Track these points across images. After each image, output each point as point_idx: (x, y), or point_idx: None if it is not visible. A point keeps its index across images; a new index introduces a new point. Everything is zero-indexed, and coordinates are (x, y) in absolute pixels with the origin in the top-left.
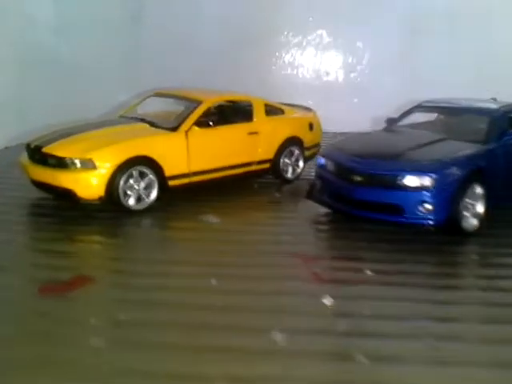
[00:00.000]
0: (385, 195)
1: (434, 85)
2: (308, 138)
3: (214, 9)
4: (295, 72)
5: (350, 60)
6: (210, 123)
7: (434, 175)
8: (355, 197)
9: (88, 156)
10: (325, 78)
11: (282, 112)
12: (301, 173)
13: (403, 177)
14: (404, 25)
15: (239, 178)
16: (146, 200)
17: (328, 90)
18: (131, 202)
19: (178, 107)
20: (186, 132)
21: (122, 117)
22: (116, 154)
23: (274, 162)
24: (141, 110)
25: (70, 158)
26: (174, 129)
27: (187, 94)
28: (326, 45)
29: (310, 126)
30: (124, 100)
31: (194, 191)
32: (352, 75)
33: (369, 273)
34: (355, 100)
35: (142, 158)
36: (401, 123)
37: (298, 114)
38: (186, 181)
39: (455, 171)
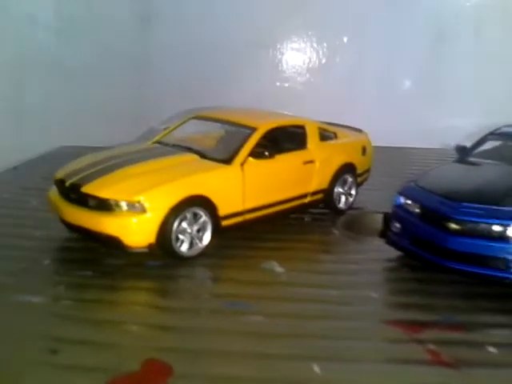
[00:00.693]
0: (488, 247)
1: None
2: (361, 164)
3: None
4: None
5: None
6: (266, 153)
7: None
8: (449, 246)
9: (137, 198)
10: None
11: (335, 136)
12: (353, 202)
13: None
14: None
15: (293, 212)
16: (199, 245)
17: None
18: (184, 248)
19: (213, 128)
20: (242, 165)
21: (160, 143)
22: (169, 194)
23: (328, 191)
24: (175, 133)
25: (116, 200)
26: (228, 161)
27: (236, 119)
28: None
29: (363, 150)
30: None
31: (242, 229)
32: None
33: (492, 350)
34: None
35: (197, 198)
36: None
37: (351, 137)
38: (239, 219)
39: None
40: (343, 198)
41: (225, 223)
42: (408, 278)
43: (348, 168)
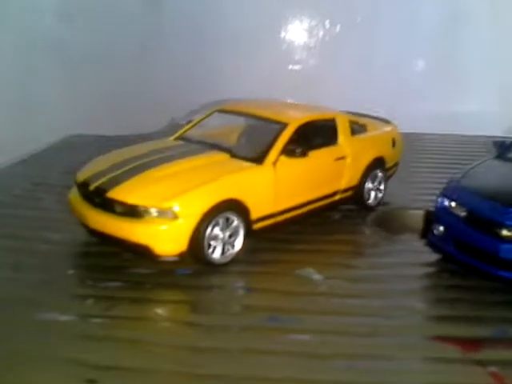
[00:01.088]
0: None
1: None
2: (391, 157)
3: None
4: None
5: None
6: (298, 151)
7: None
8: (501, 255)
9: (167, 204)
10: None
11: (364, 129)
12: (382, 197)
13: None
14: None
15: (323, 211)
16: (232, 251)
17: None
18: (216, 254)
19: (233, 122)
20: (274, 164)
21: (183, 139)
22: (201, 199)
23: (358, 188)
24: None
25: (145, 207)
26: (260, 160)
27: (264, 113)
28: None
29: (393, 143)
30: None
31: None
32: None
33: None
34: None
35: (230, 202)
36: None
37: (381, 129)
38: (270, 222)
39: None
40: (373, 194)
41: (256, 226)
42: (449, 285)
43: (378, 162)
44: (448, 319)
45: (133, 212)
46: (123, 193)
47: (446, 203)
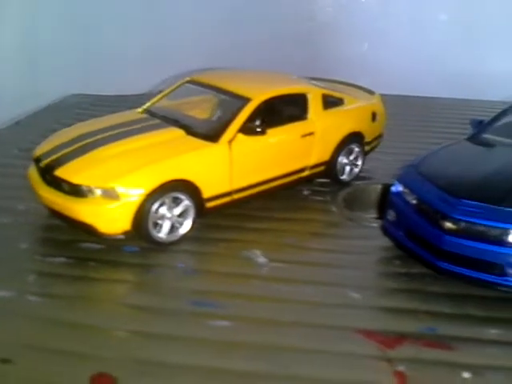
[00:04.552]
0: (483, 251)
1: None
2: (370, 131)
3: None
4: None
5: None
6: (259, 129)
7: None
8: (444, 247)
9: (110, 184)
10: None
11: (341, 102)
12: (358, 173)
13: (509, 231)
14: None
15: (290, 187)
16: (180, 230)
17: None
18: (162, 234)
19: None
20: (230, 142)
21: (148, 112)
22: (145, 179)
23: (330, 163)
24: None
25: (89, 187)
26: (214, 138)
27: (230, 86)
28: None
29: (373, 116)
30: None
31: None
32: None
33: (467, 376)
34: None
35: (177, 182)
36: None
37: (360, 102)
38: (227, 200)
39: None
40: (347, 169)
41: (210, 205)
42: (397, 273)
43: (354, 137)
44: (382, 311)
45: (78, 191)
46: (69, 172)
47: (400, 189)
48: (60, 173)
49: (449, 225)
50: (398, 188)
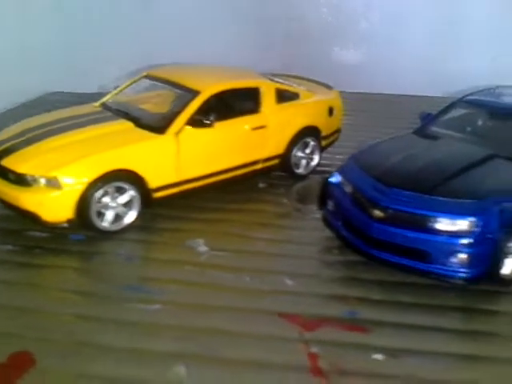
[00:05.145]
0: (410, 238)
1: None
2: (326, 126)
3: None
4: None
5: None
6: (207, 121)
7: (474, 219)
8: (374, 235)
9: (53, 174)
10: None
11: (296, 96)
12: (316, 166)
13: (435, 218)
14: None
15: (243, 180)
16: (124, 219)
17: None
18: (106, 223)
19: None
20: (177, 134)
21: (103, 106)
22: (87, 169)
23: (285, 157)
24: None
25: (32, 176)
26: (161, 130)
27: (182, 80)
28: None
29: (330, 111)
30: None
31: (186, 197)
32: None
33: (379, 357)
34: None
35: (120, 172)
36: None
37: (316, 97)
38: (175, 190)
39: (503, 211)
40: (304, 162)
41: (157, 195)
42: (335, 261)
43: (310, 131)
44: (311, 296)
45: (22, 181)
46: (15, 162)
47: (339, 179)
48: (6, 163)
49: (377, 212)
50: (336, 178)
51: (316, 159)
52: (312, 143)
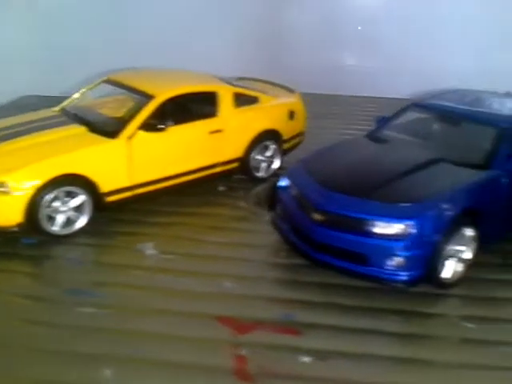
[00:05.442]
0: (348, 241)
1: None
2: (287, 129)
3: None
4: None
5: None
6: (161, 126)
7: (410, 222)
8: (316, 238)
9: (2, 178)
10: None
11: (256, 100)
12: (277, 169)
13: (371, 222)
14: None
15: (201, 183)
16: (76, 224)
17: None
18: (56, 227)
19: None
20: (129, 138)
21: (62, 110)
22: (36, 174)
23: (244, 160)
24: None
25: None
26: (113, 135)
27: (138, 85)
28: None
29: (291, 115)
30: None
31: (141, 201)
32: None
33: (307, 360)
34: None
35: (70, 176)
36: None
37: (276, 100)
38: (128, 194)
39: (440, 214)
40: (264, 165)
41: (110, 199)
42: (281, 264)
43: (269, 134)
44: (249, 299)
45: None
46: None
47: (287, 183)
48: None
49: (317, 216)
50: (285, 182)
51: (277, 162)
52: (272, 146)
